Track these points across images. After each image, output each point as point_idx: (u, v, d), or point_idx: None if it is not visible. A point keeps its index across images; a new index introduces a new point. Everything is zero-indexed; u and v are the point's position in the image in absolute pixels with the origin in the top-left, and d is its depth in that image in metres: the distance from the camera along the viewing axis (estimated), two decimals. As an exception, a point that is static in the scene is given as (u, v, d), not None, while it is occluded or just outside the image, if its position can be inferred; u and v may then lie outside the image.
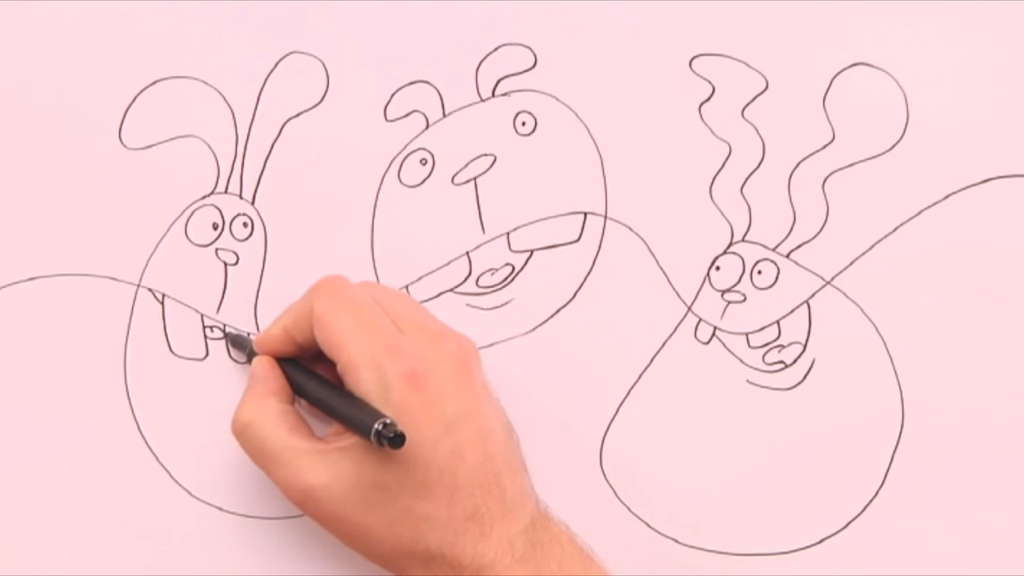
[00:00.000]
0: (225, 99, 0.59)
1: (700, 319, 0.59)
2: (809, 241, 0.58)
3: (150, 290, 0.59)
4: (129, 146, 0.59)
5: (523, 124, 0.59)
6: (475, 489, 0.51)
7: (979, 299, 0.58)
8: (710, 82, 0.59)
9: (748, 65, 0.59)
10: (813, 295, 0.59)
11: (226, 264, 0.59)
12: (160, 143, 0.59)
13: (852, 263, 0.58)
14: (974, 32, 0.59)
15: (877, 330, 0.58)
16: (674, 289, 0.59)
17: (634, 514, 0.59)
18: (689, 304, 0.59)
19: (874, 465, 0.58)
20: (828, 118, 0.58)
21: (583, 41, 0.59)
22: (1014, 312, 0.58)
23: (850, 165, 0.58)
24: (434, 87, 0.59)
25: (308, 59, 0.59)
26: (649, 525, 0.59)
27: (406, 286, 0.59)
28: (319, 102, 0.59)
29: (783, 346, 0.59)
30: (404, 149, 0.59)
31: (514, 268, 0.59)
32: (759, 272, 0.59)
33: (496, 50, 0.59)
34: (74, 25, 0.59)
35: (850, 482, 0.58)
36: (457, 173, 0.59)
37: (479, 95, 0.59)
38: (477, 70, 0.59)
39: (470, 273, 0.59)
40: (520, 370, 0.58)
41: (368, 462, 0.51)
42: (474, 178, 0.59)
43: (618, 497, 0.59)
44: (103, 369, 0.58)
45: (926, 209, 0.58)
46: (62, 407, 0.58)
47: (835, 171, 0.58)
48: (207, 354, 0.59)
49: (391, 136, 0.59)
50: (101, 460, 0.58)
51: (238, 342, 0.58)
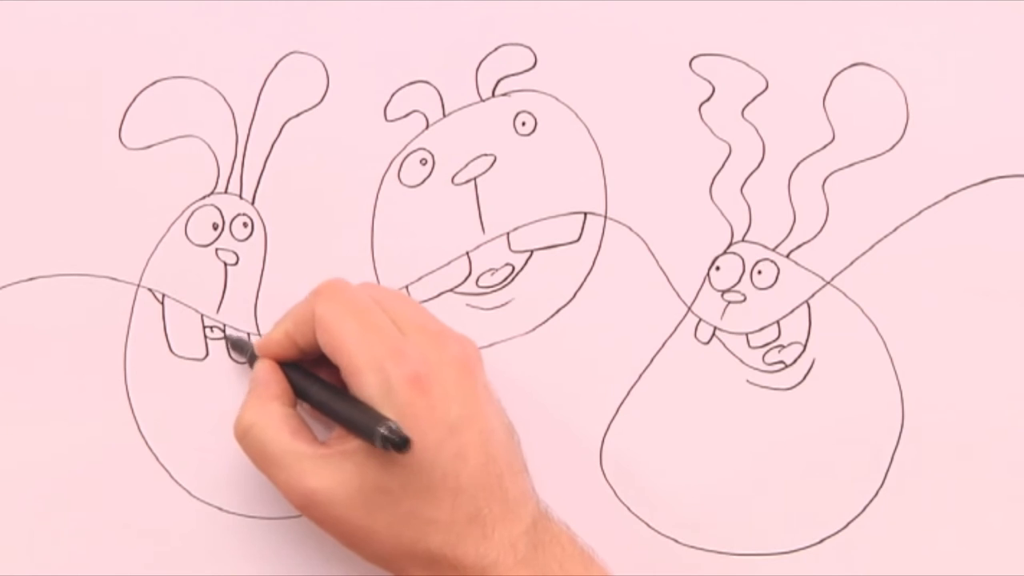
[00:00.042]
0: (225, 99, 0.59)
1: (700, 319, 0.59)
2: (809, 241, 0.58)
3: (150, 290, 0.59)
4: (129, 146, 0.59)
5: (523, 124, 0.59)
6: (478, 491, 0.51)
7: (979, 299, 0.58)
8: (710, 82, 0.59)
9: (748, 65, 0.59)
10: (813, 295, 0.59)
11: (226, 264, 0.59)
12: (160, 143, 0.59)
13: (852, 263, 0.58)
14: (974, 32, 0.59)
15: (877, 330, 0.58)
16: (674, 289, 0.59)
17: (634, 514, 0.59)
18: (689, 304, 0.59)
19: (874, 465, 0.58)
20: (828, 118, 0.58)
21: (583, 41, 0.59)
22: (1014, 312, 0.58)
23: (850, 165, 0.58)
24: (434, 87, 0.59)
25: (308, 59, 0.59)
26: (649, 525, 0.59)
27: (406, 286, 0.59)
28: (319, 102, 0.59)
29: (783, 346, 0.59)
30: (404, 149, 0.59)
31: (514, 268, 0.59)
32: (759, 272, 0.59)
33: (496, 50, 0.59)
34: (74, 25, 0.58)
35: (850, 482, 0.58)
36: (457, 173, 0.59)
37: (479, 95, 0.59)
38: (477, 70, 0.59)
39: (470, 273, 0.59)
40: (520, 370, 0.58)
41: (371, 466, 0.51)
42: (474, 178, 0.59)
43: (618, 497, 0.59)
44: (103, 369, 0.58)
45: (926, 209, 0.58)
46: (62, 407, 0.58)
47: (835, 171, 0.58)
48: (207, 354, 0.59)
49: (391, 136, 0.59)
50: (101, 460, 0.58)
51: (238, 345, 0.58)
